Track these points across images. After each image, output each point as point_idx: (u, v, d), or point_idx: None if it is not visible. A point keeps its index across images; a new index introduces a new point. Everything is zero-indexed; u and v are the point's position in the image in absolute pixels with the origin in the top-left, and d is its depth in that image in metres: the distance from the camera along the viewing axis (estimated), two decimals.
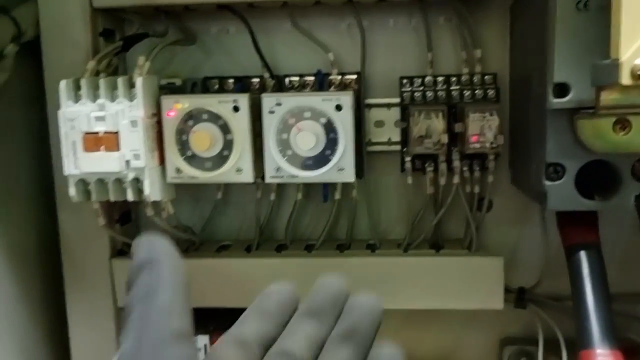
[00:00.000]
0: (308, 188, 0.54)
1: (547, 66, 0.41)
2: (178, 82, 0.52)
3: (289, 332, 0.28)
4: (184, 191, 0.55)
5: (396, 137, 0.54)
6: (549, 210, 0.44)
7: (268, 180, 0.45)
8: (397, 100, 0.53)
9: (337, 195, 0.53)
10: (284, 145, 0.45)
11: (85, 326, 0.55)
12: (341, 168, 0.45)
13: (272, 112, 0.44)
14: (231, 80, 0.53)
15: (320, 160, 0.44)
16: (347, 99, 0.44)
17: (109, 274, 0.54)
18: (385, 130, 0.54)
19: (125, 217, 0.57)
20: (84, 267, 0.54)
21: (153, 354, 0.22)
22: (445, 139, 0.47)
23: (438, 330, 0.56)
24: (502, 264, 0.51)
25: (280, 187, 0.55)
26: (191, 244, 0.56)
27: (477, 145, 0.47)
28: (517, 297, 0.54)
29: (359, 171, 0.52)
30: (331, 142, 0.44)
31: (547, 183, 0.42)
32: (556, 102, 0.40)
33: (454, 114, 0.49)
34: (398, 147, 0.54)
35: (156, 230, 0.57)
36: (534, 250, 0.55)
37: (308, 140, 0.43)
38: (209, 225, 0.57)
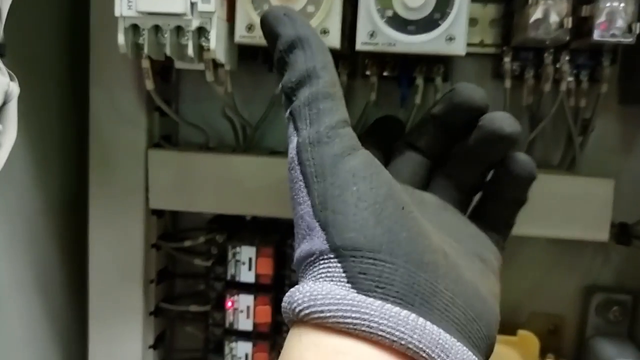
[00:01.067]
0: (383, 87, 0.46)
1: None
2: None
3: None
4: (237, 85, 0.47)
5: (489, 39, 0.46)
6: None
7: (359, 47, 0.37)
8: None
9: (418, 100, 0.45)
10: (384, 4, 0.37)
11: (109, 226, 0.47)
12: (451, 37, 0.37)
13: None
14: None
15: (428, 24, 0.36)
16: None
17: (142, 168, 0.46)
18: (478, 30, 0.46)
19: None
20: (115, 155, 0.46)
21: (330, 136, 0.26)
22: (569, 23, 0.39)
23: (520, 265, 0.49)
24: (612, 187, 0.43)
25: (351, 84, 0.48)
26: (239, 145, 0.48)
27: (607, 34, 0.39)
28: (619, 232, 0.46)
29: (445, 73, 0.45)
30: (442, 3, 0.36)
31: None
32: None
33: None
34: (491, 50, 0.47)
35: (202, 117, 0.50)
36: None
37: None
38: (263, 124, 0.49)
